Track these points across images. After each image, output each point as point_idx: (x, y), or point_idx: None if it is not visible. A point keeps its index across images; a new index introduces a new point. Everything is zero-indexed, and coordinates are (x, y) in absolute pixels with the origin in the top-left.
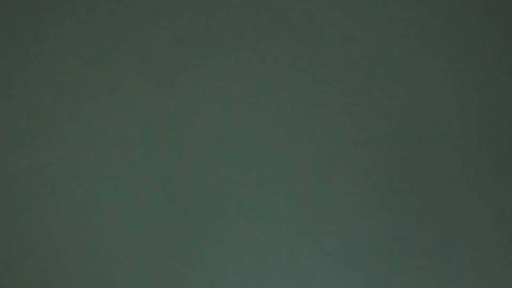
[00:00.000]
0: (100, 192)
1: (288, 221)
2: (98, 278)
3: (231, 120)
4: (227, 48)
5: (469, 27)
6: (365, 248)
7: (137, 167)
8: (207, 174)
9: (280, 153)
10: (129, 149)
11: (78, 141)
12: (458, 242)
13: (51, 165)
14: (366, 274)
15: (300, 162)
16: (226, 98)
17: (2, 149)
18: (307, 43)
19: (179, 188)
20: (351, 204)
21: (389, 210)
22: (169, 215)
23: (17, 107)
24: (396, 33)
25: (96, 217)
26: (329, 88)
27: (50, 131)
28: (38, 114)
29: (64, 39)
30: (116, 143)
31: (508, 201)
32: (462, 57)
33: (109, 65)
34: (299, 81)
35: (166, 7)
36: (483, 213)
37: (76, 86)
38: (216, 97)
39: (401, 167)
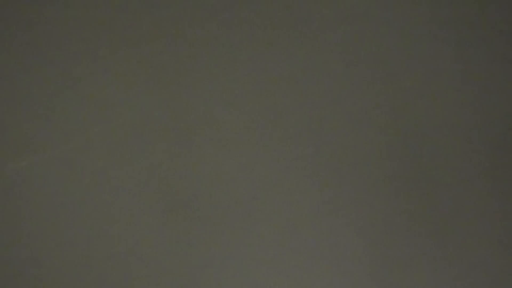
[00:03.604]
0: (100, 192)
1: (288, 221)
2: (97, 277)
3: (231, 120)
4: (228, 47)
5: (469, 27)
6: (364, 248)
7: (137, 167)
8: (207, 174)
9: (281, 153)
10: (129, 150)
11: (77, 141)
12: (459, 241)
13: (51, 165)
14: (366, 274)
15: (301, 162)
16: (226, 98)
17: (2, 149)
18: (309, 44)
19: (179, 188)
20: (352, 205)
21: (389, 210)
22: (168, 214)
23: (17, 107)
24: (397, 34)
25: (95, 217)
26: (330, 88)
27: (50, 131)
28: (38, 114)
29: (64, 40)
30: (116, 143)
31: (508, 201)
32: (463, 57)
33: (109, 65)
34: (301, 81)
35: (166, 6)
36: (484, 213)
37: (75, 87)
38: (217, 97)
39: (402, 166)
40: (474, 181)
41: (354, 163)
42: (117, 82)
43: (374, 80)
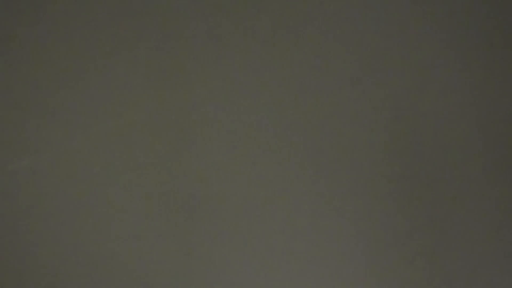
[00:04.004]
0: (100, 192)
1: (288, 221)
2: (97, 278)
3: (231, 120)
4: (228, 48)
5: (469, 27)
6: (364, 248)
7: (137, 167)
8: (207, 173)
9: (281, 152)
10: (129, 149)
11: (77, 141)
12: (459, 242)
13: (51, 165)
14: (366, 274)
15: (301, 162)
16: (226, 97)
17: (2, 149)
18: (309, 43)
19: (179, 188)
20: (351, 205)
21: (389, 210)
22: (169, 214)
23: (17, 107)
24: (397, 33)
25: (95, 217)
26: (330, 87)
27: (50, 131)
28: (38, 114)
29: (64, 39)
30: (116, 143)
31: (508, 201)
32: (463, 57)
33: (109, 65)
34: (301, 81)
35: (166, 6)
36: (484, 213)
37: (75, 86)
38: (217, 97)
39: (402, 166)
40: (474, 181)
41: (355, 163)
42: (118, 82)
43: (373, 79)
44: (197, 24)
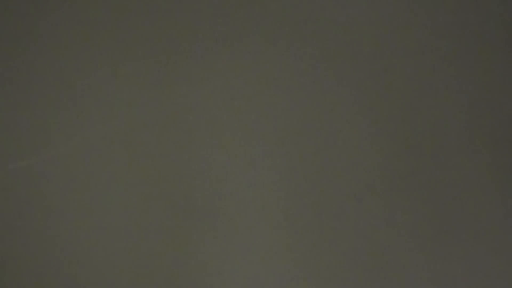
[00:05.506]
0: (100, 192)
1: (287, 221)
2: (97, 278)
3: (231, 119)
4: (228, 48)
5: (470, 29)
6: (364, 248)
7: (137, 166)
8: (206, 173)
9: (280, 152)
10: (129, 149)
11: (77, 141)
12: (458, 241)
13: (51, 165)
14: (366, 275)
15: (300, 162)
16: (226, 98)
17: (2, 149)
18: (310, 44)
19: (179, 188)
20: (351, 205)
21: (389, 211)
22: (168, 214)
23: (17, 107)
24: (397, 33)
25: (95, 217)
26: (330, 87)
27: (50, 131)
28: (38, 114)
29: (64, 40)
30: (116, 143)
31: (508, 201)
32: (463, 57)
33: (108, 65)
34: (301, 82)
35: (166, 6)
36: (484, 213)
37: (75, 87)
38: (216, 97)
39: (402, 167)
40: (474, 181)
41: (355, 163)
42: (117, 82)
43: (373, 80)
44: (198, 24)
